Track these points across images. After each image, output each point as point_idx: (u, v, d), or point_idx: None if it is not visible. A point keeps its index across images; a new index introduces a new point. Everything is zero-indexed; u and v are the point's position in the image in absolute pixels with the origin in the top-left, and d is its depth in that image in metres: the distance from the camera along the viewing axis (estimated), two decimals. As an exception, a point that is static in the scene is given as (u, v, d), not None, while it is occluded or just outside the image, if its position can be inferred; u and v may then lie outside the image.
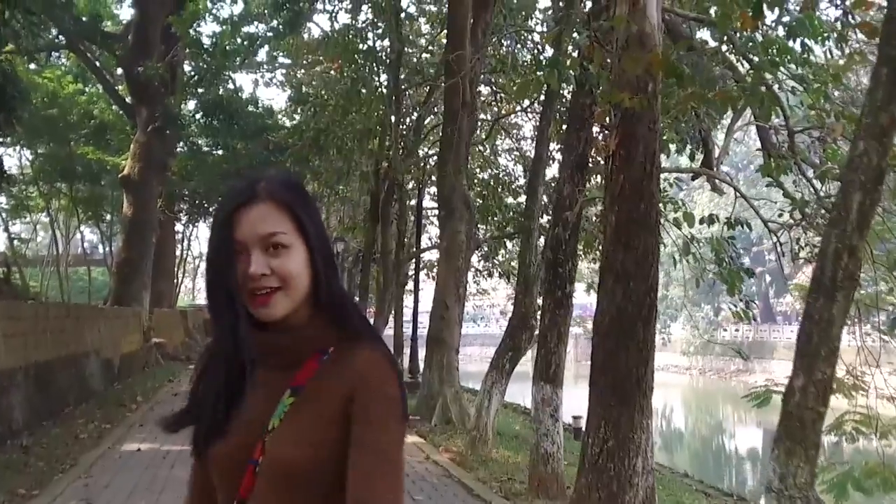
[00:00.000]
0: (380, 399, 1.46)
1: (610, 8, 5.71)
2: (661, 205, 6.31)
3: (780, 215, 9.57)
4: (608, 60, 5.54)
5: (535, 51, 16.29)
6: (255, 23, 26.06)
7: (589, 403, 5.92)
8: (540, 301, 9.96)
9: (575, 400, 10.52)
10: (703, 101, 5.78)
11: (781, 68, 6.82)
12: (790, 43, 6.83)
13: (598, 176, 14.65)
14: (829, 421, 9.65)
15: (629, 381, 5.62)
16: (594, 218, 14.60)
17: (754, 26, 5.00)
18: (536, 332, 9.70)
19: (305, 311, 1.53)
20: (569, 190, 7.64)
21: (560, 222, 7.70)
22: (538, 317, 9.93)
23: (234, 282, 1.48)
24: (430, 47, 19.88)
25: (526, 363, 11.42)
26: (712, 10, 7.36)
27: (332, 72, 18.79)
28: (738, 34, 6.50)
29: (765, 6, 5.26)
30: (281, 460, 1.45)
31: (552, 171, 14.37)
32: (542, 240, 11.10)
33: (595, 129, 7.80)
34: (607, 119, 5.10)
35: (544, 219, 13.50)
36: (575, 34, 6.87)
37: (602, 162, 13.83)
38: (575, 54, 6.90)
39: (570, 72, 6.42)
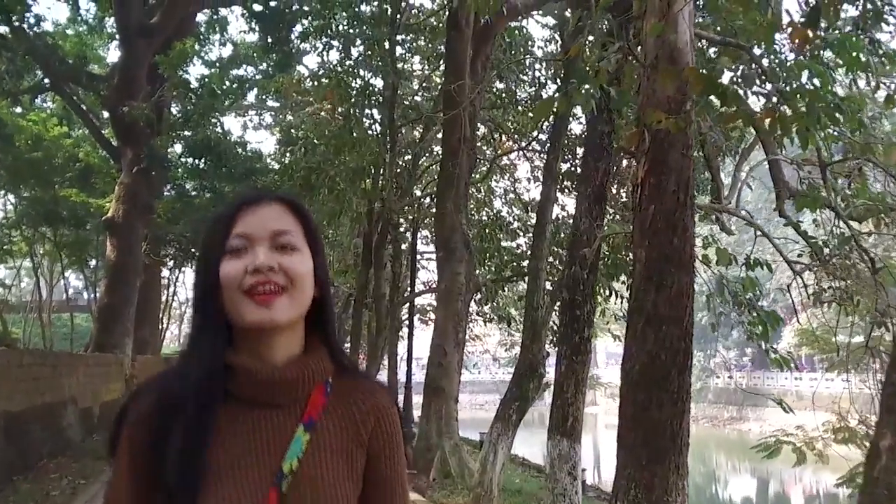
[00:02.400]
0: (399, 435, 1.48)
1: (638, 20, 5.18)
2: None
3: (800, 255, 9.16)
4: (636, 76, 5.01)
5: (536, 84, 15.91)
6: (244, 65, 25.94)
7: (617, 461, 5.28)
8: (548, 346, 9.42)
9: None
10: (748, 121, 5.24)
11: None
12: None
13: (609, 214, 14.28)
14: (843, 472, 9.24)
15: (663, 437, 4.96)
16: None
17: (805, 39, 4.48)
18: (544, 380, 9.16)
19: (298, 337, 1.44)
20: (586, 225, 7.02)
21: (577, 260, 7.06)
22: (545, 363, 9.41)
23: (219, 281, 1.36)
24: (423, 84, 19.52)
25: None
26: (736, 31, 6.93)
27: (323, 113, 18.35)
28: (770, 56, 5.99)
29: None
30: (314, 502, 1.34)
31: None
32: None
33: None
34: (645, 142, 4.51)
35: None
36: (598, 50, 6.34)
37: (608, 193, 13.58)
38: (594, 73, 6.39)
39: (592, 93, 5.89)
